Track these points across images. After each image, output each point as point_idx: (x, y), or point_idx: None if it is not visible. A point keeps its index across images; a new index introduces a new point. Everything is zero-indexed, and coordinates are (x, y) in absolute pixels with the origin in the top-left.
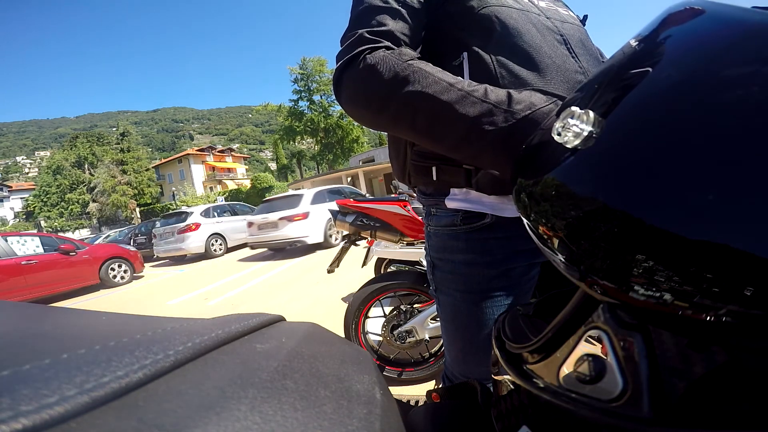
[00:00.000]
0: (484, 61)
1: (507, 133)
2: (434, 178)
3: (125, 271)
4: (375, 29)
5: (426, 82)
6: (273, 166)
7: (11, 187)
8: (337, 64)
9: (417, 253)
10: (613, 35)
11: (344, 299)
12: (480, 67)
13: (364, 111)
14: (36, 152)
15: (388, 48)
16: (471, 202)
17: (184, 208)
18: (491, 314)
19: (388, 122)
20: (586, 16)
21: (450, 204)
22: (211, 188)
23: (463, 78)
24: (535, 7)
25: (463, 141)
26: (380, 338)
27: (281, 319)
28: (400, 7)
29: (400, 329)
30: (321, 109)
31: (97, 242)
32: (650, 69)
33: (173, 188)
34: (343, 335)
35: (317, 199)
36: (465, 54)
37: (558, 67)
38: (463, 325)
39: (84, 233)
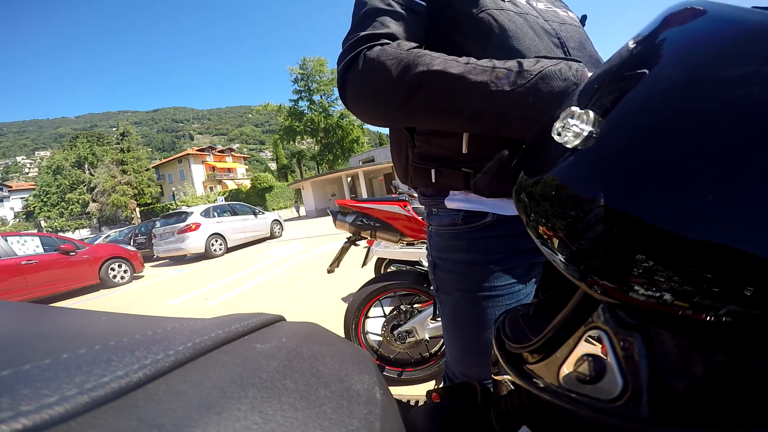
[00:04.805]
0: None
1: (530, 90)
2: (433, 181)
3: (125, 271)
4: (375, 31)
5: (432, 62)
6: (273, 166)
7: (11, 187)
8: (338, 68)
9: (417, 253)
10: (614, 35)
11: (344, 299)
12: None
13: (372, 105)
14: (36, 152)
15: (386, 43)
16: (471, 202)
17: (184, 208)
18: (492, 314)
19: (400, 110)
20: (585, 16)
21: (450, 204)
22: (211, 188)
23: None
24: (534, 10)
25: (485, 106)
26: (380, 338)
27: (281, 319)
28: (402, 11)
29: (400, 329)
30: (321, 109)
31: (97, 242)
32: (650, 69)
33: (173, 188)
34: (343, 335)
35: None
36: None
37: None
38: (463, 325)
39: (84, 233)
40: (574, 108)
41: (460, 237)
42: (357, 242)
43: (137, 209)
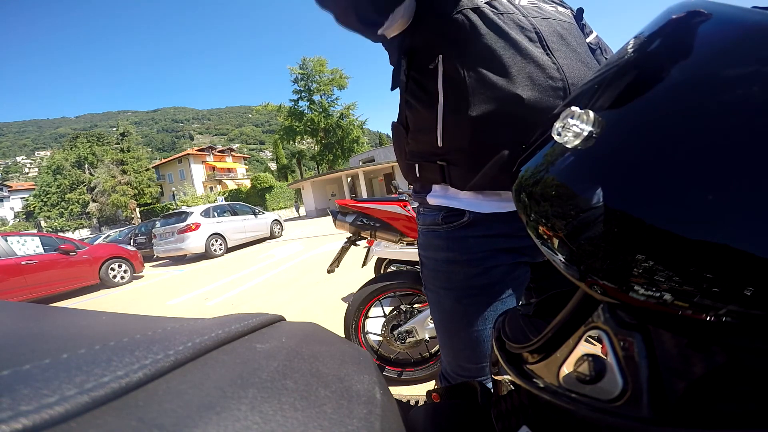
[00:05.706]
0: (454, 63)
1: None
2: (417, 175)
3: (125, 271)
4: None
5: None
6: (273, 166)
7: (11, 187)
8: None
9: (416, 253)
10: (614, 34)
11: (344, 299)
12: (451, 70)
13: None
14: (36, 152)
15: None
16: (449, 198)
17: (184, 208)
18: (474, 312)
19: None
20: (581, 9)
21: (431, 200)
22: (211, 188)
23: (438, 82)
24: (512, 6)
25: None
26: (380, 338)
27: (281, 319)
28: None
29: (400, 329)
30: (321, 109)
31: (97, 242)
32: (650, 69)
33: (173, 188)
34: (343, 335)
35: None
36: (440, 57)
37: (525, 65)
38: (448, 322)
39: (84, 233)
40: (574, 108)
41: (440, 236)
42: (357, 242)
43: (137, 209)
